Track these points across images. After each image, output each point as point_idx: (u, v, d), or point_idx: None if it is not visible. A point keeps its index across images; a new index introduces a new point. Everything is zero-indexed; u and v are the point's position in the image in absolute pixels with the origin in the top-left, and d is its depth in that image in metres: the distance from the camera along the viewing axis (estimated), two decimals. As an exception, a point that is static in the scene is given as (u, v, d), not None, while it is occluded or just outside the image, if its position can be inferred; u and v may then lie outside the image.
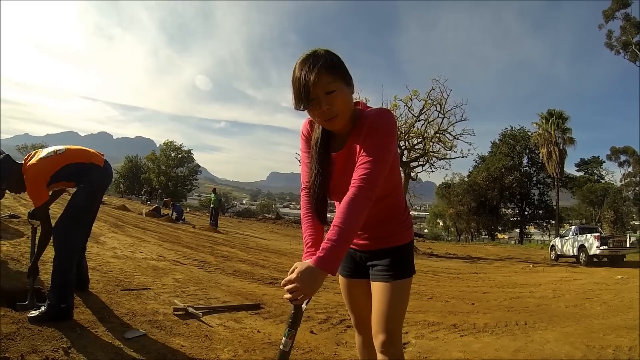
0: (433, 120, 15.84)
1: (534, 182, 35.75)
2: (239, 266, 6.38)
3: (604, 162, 37.83)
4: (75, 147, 3.01)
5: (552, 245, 16.00)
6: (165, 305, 3.38)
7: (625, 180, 34.97)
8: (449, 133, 15.98)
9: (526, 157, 35.66)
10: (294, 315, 1.17)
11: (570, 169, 37.12)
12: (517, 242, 34.13)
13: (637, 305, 5.36)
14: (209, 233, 12.41)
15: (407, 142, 16.01)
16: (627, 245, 12.85)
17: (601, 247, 12.42)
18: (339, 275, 1.66)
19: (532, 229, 40.00)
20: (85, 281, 3.37)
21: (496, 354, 3.11)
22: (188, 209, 28.65)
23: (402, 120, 15.79)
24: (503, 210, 37.04)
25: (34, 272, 2.86)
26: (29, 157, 2.81)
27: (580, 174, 37.94)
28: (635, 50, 27.17)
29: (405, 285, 1.46)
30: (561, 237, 15.50)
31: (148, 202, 27.02)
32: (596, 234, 13.04)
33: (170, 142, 47.61)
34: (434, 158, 16.20)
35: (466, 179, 35.36)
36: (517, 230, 37.25)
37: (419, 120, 15.84)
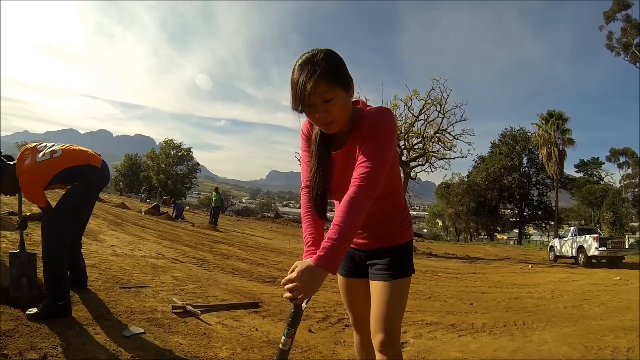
0: (433, 120, 15.87)
1: (534, 182, 35.79)
2: (238, 264, 6.38)
3: (603, 163, 37.90)
4: (72, 148, 2.91)
5: (551, 246, 16.02)
6: (164, 303, 3.38)
7: (625, 182, 34.98)
8: (449, 133, 16.01)
9: (526, 157, 35.70)
10: (294, 314, 1.17)
11: (569, 170, 37.25)
12: (516, 242, 34.17)
13: (636, 306, 5.37)
14: (208, 231, 12.41)
15: (406, 142, 16.01)
16: (626, 247, 12.87)
17: (600, 248, 12.44)
18: (338, 275, 1.65)
19: (531, 230, 40.06)
20: (84, 279, 3.36)
21: (494, 354, 3.11)
22: (187, 207, 28.65)
23: (401, 120, 15.79)
24: (502, 210, 37.06)
25: (23, 225, 2.98)
26: (24, 158, 2.69)
27: (580, 175, 38.01)
28: (636, 51, 27.18)
29: (404, 284, 1.46)
30: (560, 238, 15.52)
31: (147, 200, 27.02)
32: (595, 235, 13.06)
33: (170, 140, 47.62)
34: (433, 158, 16.21)
35: (465, 179, 35.37)
36: (516, 230, 37.29)
37: (418, 120, 15.86)
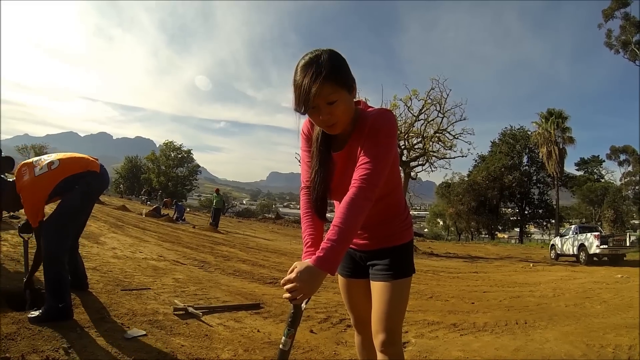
0: (433, 120, 15.87)
1: (534, 181, 35.79)
2: (239, 266, 6.39)
3: (603, 161, 37.94)
4: (69, 156, 2.88)
5: (552, 245, 16.02)
6: (166, 305, 3.38)
7: (625, 179, 35.00)
8: (449, 132, 16.02)
9: (526, 156, 35.72)
10: (294, 315, 1.18)
11: (570, 168, 37.19)
12: (517, 241, 34.16)
13: (637, 304, 5.37)
14: (209, 233, 12.42)
15: (406, 142, 16.02)
16: (627, 244, 12.88)
17: (601, 246, 12.44)
18: (339, 275, 1.66)
19: (532, 228, 40.04)
20: (84, 281, 3.35)
21: (496, 353, 3.11)
22: (188, 209, 28.67)
23: (401, 120, 15.79)
24: (503, 209, 37.06)
25: (30, 286, 2.86)
26: (22, 175, 2.69)
27: (580, 173, 38.02)
28: (635, 49, 27.19)
29: (405, 284, 1.46)
30: (561, 236, 15.52)
31: (148, 202, 27.05)
32: (596, 233, 13.05)
33: (170, 142, 47.68)
34: (433, 157, 16.21)
35: (466, 179, 35.37)
36: (517, 229, 37.29)
37: (418, 120, 15.87)
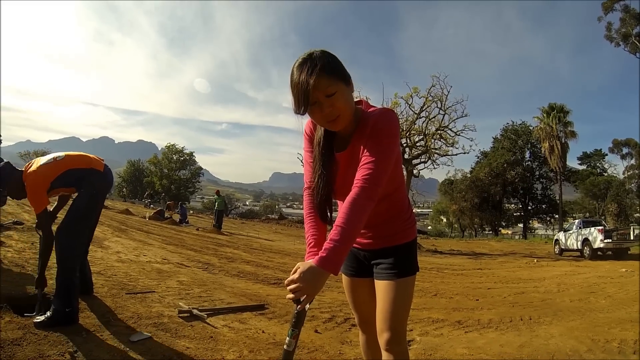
0: (434, 117, 15.82)
1: (537, 176, 35.66)
2: (243, 267, 6.40)
3: (606, 155, 37.75)
4: (75, 153, 3.02)
5: (556, 240, 15.96)
6: (170, 307, 3.39)
7: (628, 173, 34.82)
8: (450, 129, 15.96)
9: (528, 151, 35.59)
10: (297, 315, 1.18)
11: (572, 163, 37.03)
12: (520, 237, 34.03)
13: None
14: (213, 235, 12.44)
15: (408, 140, 15.99)
16: (631, 238, 12.80)
17: (605, 241, 12.39)
18: (343, 275, 1.66)
19: (535, 224, 39.91)
20: (90, 286, 3.38)
21: (501, 349, 3.10)
22: (191, 212, 28.74)
23: (403, 118, 15.76)
24: (506, 205, 36.94)
25: (41, 283, 2.86)
26: (30, 165, 2.83)
27: (583, 167, 37.85)
28: (635, 41, 27.06)
29: (409, 283, 1.46)
30: (565, 231, 15.46)
31: (151, 205, 27.11)
32: (600, 228, 13.00)
33: (172, 145, 47.71)
34: (435, 155, 16.18)
35: (468, 175, 35.28)
36: (520, 225, 37.17)
37: (420, 118, 15.82)
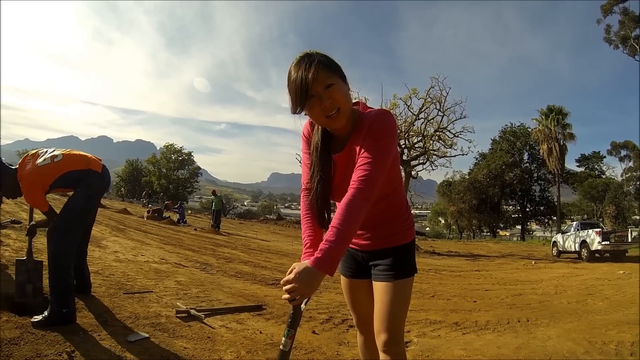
0: (433, 119, 15.86)
1: (535, 178, 35.73)
2: (241, 268, 6.39)
3: (604, 157, 37.89)
4: (73, 153, 2.96)
5: (554, 242, 15.99)
6: (168, 307, 3.39)
7: (626, 175, 34.94)
8: (449, 131, 15.99)
9: (527, 153, 35.68)
10: (293, 316, 1.19)
11: (571, 165, 37.17)
12: (518, 238, 34.08)
13: (639, 300, 5.36)
14: (211, 235, 12.43)
15: (407, 141, 16.00)
16: (629, 240, 12.84)
17: (603, 243, 12.41)
18: (341, 276, 1.67)
19: (533, 226, 39.99)
20: (88, 286, 3.37)
21: (498, 351, 3.11)
22: (190, 211, 28.70)
23: (401, 119, 15.79)
24: (504, 207, 36.99)
25: (32, 232, 2.98)
26: (25, 163, 2.75)
27: (581, 169, 37.94)
28: (634, 44, 27.17)
29: (407, 284, 1.47)
30: (563, 233, 15.48)
31: (149, 205, 27.08)
32: (598, 230, 13.02)
33: (171, 144, 47.71)
34: (434, 156, 16.20)
35: (467, 177, 35.33)
36: (518, 227, 37.22)
37: (418, 119, 15.85)
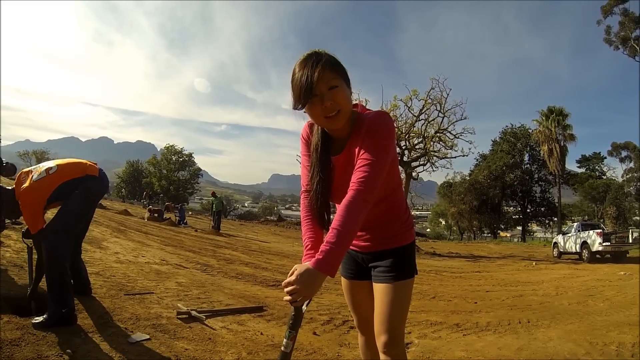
0: (433, 120, 15.85)
1: (536, 179, 35.74)
2: (242, 269, 6.40)
3: (605, 158, 37.83)
4: (67, 162, 2.92)
5: (555, 243, 15.97)
6: (169, 309, 3.39)
7: (627, 176, 34.91)
8: (450, 132, 15.99)
9: (527, 154, 35.69)
10: (295, 317, 1.19)
11: (571, 166, 37.11)
12: (519, 239, 34.06)
13: (640, 301, 5.36)
14: (211, 236, 12.44)
15: (407, 142, 16.00)
16: (630, 241, 12.82)
17: (604, 244, 12.40)
18: (342, 277, 1.67)
19: (534, 227, 39.93)
20: (87, 286, 3.36)
21: (499, 352, 3.11)
22: (190, 213, 28.72)
23: (402, 120, 15.79)
24: (505, 208, 36.99)
25: (34, 296, 2.85)
26: (21, 182, 2.72)
27: (582, 170, 37.89)
28: (634, 45, 27.16)
29: (407, 286, 1.47)
30: (564, 234, 15.47)
31: (149, 206, 27.11)
32: (598, 231, 13.02)
33: (171, 146, 47.78)
34: (434, 157, 16.19)
35: (467, 178, 35.34)
36: (519, 228, 37.20)
37: (419, 120, 15.85)
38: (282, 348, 1.19)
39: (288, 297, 1.15)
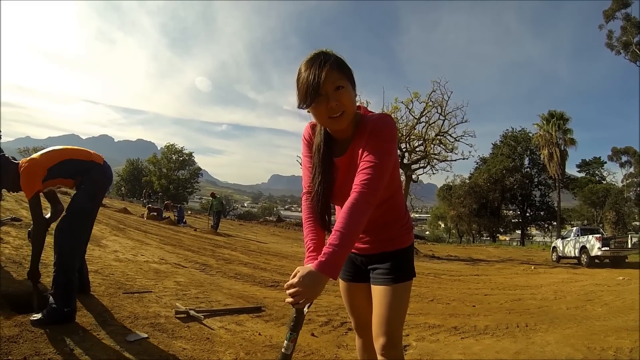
0: (434, 122, 15.89)
1: (535, 183, 35.73)
2: (240, 269, 6.39)
3: (605, 162, 37.83)
4: (75, 147, 3.00)
5: (554, 247, 15.98)
6: (167, 308, 3.39)
7: (627, 181, 34.90)
8: (450, 135, 16.01)
9: (527, 158, 35.70)
10: (296, 319, 1.19)
11: (571, 170, 37.12)
12: (518, 243, 34.06)
13: (638, 306, 5.36)
14: (210, 236, 12.43)
15: (408, 145, 16.02)
16: (629, 246, 12.83)
17: (603, 248, 12.42)
18: (340, 279, 1.67)
19: (533, 231, 39.94)
20: (87, 285, 3.38)
21: (497, 356, 3.11)
22: (189, 212, 28.71)
23: (403, 123, 15.81)
24: (504, 211, 36.97)
25: (34, 275, 2.79)
26: (27, 159, 2.76)
27: (582, 174, 37.91)
28: (636, 50, 27.17)
29: (405, 288, 1.47)
30: (563, 238, 15.48)
31: (148, 204, 27.10)
32: (598, 235, 13.03)
33: (172, 145, 47.81)
34: (435, 160, 16.22)
35: (467, 181, 35.34)
36: (518, 231, 37.19)
37: (419, 123, 15.88)
38: (283, 349, 1.19)
39: (290, 299, 1.15)
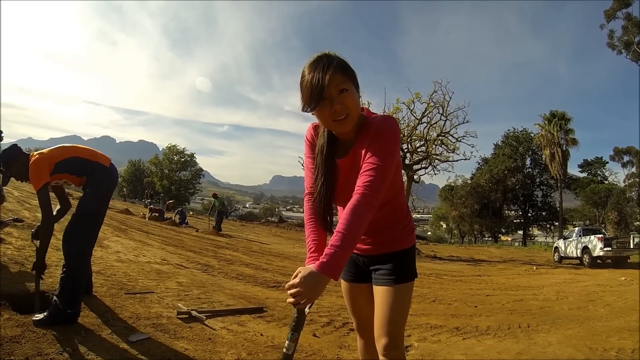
0: (435, 123, 15.85)
1: (537, 183, 35.66)
2: (242, 270, 6.40)
3: (607, 162, 37.71)
4: (83, 146, 3.05)
5: (556, 247, 15.93)
6: (169, 308, 3.40)
7: (629, 181, 34.79)
8: (452, 135, 15.99)
9: (529, 158, 35.64)
10: (297, 319, 1.19)
11: (573, 170, 37.02)
12: (520, 244, 33.99)
13: (641, 307, 5.34)
14: (212, 237, 12.43)
15: (409, 145, 16.00)
16: (631, 247, 12.79)
17: (605, 249, 12.38)
18: (342, 280, 1.67)
19: (535, 231, 39.86)
20: (89, 286, 3.39)
21: (499, 356, 3.11)
22: (191, 213, 28.75)
23: (404, 123, 15.79)
24: (506, 212, 36.90)
25: (40, 266, 2.80)
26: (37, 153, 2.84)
27: (584, 175, 37.81)
28: (637, 49, 27.09)
29: (407, 289, 1.47)
30: (565, 238, 15.43)
31: (150, 205, 27.14)
32: (600, 236, 12.99)
33: (173, 146, 47.80)
34: (436, 160, 16.19)
35: (469, 181, 35.29)
36: (520, 232, 37.12)
37: (421, 123, 15.86)
38: (284, 350, 1.19)
39: (291, 300, 1.15)
